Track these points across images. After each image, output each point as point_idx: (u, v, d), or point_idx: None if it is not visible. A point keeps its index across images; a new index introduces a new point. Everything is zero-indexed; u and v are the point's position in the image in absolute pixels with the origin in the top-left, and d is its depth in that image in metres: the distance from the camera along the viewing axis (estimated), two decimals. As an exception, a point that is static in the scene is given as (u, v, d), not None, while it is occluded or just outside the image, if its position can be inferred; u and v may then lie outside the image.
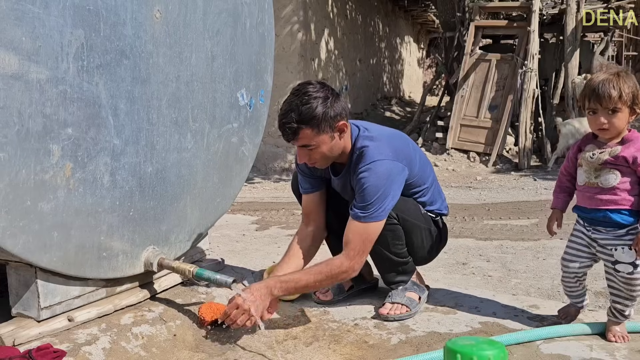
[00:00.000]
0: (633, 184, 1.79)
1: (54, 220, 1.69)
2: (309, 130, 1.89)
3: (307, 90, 1.90)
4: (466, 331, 2.03)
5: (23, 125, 1.55)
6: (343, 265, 1.94)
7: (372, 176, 1.92)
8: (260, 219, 5.19)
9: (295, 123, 1.87)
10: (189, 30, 2.07)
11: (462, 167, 8.41)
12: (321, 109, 1.88)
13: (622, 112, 1.77)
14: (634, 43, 16.33)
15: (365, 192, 1.92)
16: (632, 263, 1.81)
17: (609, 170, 1.81)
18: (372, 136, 2.02)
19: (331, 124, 1.92)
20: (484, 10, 9.37)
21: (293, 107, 1.88)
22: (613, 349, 1.83)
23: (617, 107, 1.76)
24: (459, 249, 3.57)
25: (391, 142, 2.05)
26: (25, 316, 1.80)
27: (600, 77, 1.78)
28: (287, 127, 1.89)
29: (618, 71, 1.80)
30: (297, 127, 1.88)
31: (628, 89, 1.75)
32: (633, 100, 1.76)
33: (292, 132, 1.89)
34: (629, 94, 1.75)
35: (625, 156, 1.78)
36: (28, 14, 1.52)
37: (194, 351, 1.94)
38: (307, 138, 1.90)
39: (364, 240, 1.95)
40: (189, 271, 2.06)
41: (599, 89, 1.76)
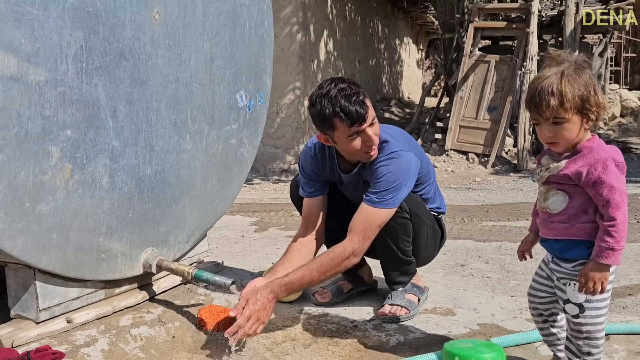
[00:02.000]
0: (585, 208, 1.42)
1: (53, 221, 1.69)
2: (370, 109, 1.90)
3: (349, 83, 1.91)
4: (465, 333, 2.03)
5: (22, 127, 1.55)
6: (346, 251, 1.91)
7: (392, 165, 1.95)
8: (259, 220, 5.19)
9: (367, 103, 1.89)
10: (188, 32, 2.08)
11: (461, 168, 8.42)
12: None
13: (568, 121, 1.39)
14: (633, 44, 16.35)
15: (383, 179, 1.94)
16: (580, 305, 1.46)
17: (556, 192, 1.46)
18: (388, 132, 2.06)
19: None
20: (483, 11, 9.38)
21: (358, 91, 1.88)
22: (611, 350, 1.83)
23: (560, 116, 1.38)
24: (458, 251, 3.57)
25: (404, 136, 2.12)
26: (24, 318, 1.80)
27: (541, 80, 1.40)
28: (361, 108, 1.86)
29: (563, 69, 1.39)
30: (369, 106, 1.89)
31: (572, 93, 1.37)
32: (582, 105, 1.38)
33: (366, 107, 1.87)
34: (573, 99, 1.37)
35: (568, 174, 1.41)
36: (27, 16, 1.52)
37: (193, 353, 1.94)
38: (371, 108, 1.90)
39: (371, 225, 1.94)
40: (187, 273, 2.06)
41: (536, 96, 1.39)
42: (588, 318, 1.46)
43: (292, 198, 2.37)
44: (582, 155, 1.41)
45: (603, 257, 1.39)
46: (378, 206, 1.94)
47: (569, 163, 1.42)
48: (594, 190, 1.39)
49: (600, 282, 1.41)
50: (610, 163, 1.38)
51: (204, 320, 2.06)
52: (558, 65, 1.42)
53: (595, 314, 1.46)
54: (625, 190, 1.39)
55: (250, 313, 1.81)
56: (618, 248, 1.38)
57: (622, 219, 1.38)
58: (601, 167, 1.38)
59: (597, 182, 1.38)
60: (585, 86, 1.38)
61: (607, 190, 1.37)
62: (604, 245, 1.39)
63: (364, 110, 1.87)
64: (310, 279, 1.92)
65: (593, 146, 1.41)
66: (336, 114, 1.87)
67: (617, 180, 1.38)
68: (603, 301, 1.46)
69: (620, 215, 1.37)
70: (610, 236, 1.38)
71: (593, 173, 1.38)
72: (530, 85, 1.45)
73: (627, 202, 1.40)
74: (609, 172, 1.37)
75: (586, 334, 1.47)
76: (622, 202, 1.37)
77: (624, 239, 1.39)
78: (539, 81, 1.41)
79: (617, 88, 13.08)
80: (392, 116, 12.42)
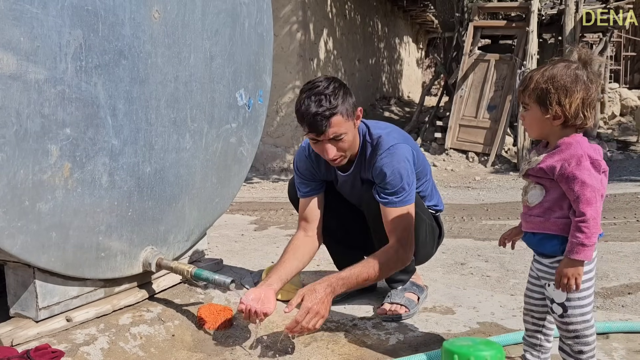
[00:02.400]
0: (560, 203, 1.44)
1: (52, 220, 1.69)
2: (339, 117, 1.89)
3: (321, 82, 1.92)
4: (464, 331, 2.03)
5: (21, 126, 1.55)
6: (400, 255, 1.93)
7: (394, 162, 1.96)
8: (259, 219, 5.19)
9: (327, 111, 1.86)
10: (188, 31, 2.07)
11: (460, 167, 8.42)
12: (342, 96, 1.90)
13: (531, 110, 1.44)
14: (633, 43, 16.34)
15: (392, 179, 1.95)
16: (562, 304, 1.48)
17: (533, 185, 1.49)
18: (381, 127, 2.08)
19: (353, 110, 1.95)
20: (482, 10, 9.38)
21: (319, 99, 1.87)
22: (610, 349, 1.83)
23: (524, 101, 1.45)
24: (458, 249, 3.57)
25: (396, 130, 2.13)
26: (24, 316, 1.80)
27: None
28: (318, 118, 1.86)
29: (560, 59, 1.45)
30: (330, 115, 1.86)
31: (537, 82, 1.40)
32: (541, 97, 1.40)
33: (324, 119, 1.86)
34: (535, 88, 1.40)
35: (544, 167, 1.43)
36: (26, 14, 1.51)
37: (193, 351, 1.94)
38: (338, 125, 1.89)
39: (410, 224, 1.97)
40: (187, 271, 2.05)
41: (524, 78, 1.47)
42: (572, 317, 1.47)
43: (290, 198, 2.37)
44: (560, 151, 1.42)
45: (574, 253, 1.40)
46: (401, 205, 1.96)
47: (546, 157, 1.44)
48: (566, 185, 1.40)
49: (574, 277, 1.41)
50: (585, 160, 1.38)
51: (203, 318, 2.06)
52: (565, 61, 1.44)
53: (579, 312, 1.47)
54: (600, 188, 1.39)
55: (309, 307, 1.77)
56: (589, 244, 1.39)
57: (593, 214, 1.37)
58: (575, 163, 1.38)
59: (569, 178, 1.39)
60: (554, 83, 1.38)
61: (578, 186, 1.37)
62: (574, 241, 1.40)
63: (319, 128, 1.87)
64: (367, 277, 1.90)
65: (572, 142, 1.42)
66: (297, 116, 1.92)
67: (590, 177, 1.38)
68: (585, 299, 1.47)
69: (590, 211, 1.37)
70: (581, 232, 1.38)
71: (567, 168, 1.39)
72: None
73: (600, 199, 1.39)
74: (582, 169, 1.38)
75: (574, 332, 1.48)
76: (593, 199, 1.37)
77: (595, 235, 1.39)
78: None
79: (616, 87, 13.08)
80: (392, 115, 12.42)
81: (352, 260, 2.41)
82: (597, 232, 1.40)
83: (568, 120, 1.41)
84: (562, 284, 1.43)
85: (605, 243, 3.78)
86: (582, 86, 1.39)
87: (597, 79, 1.44)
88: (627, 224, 4.51)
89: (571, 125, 1.43)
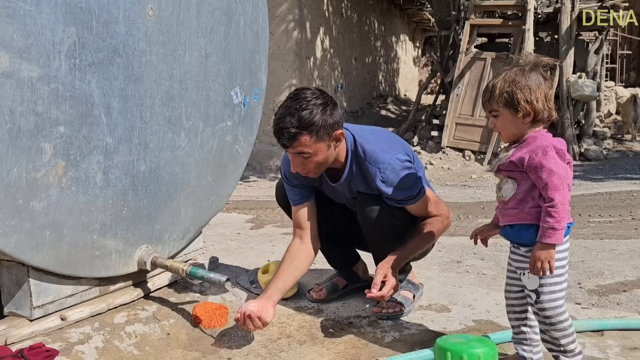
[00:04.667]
0: (532, 193, 1.51)
1: (46, 219, 1.69)
2: (307, 137, 1.84)
3: (305, 96, 1.87)
4: (460, 329, 2.04)
5: (14, 124, 1.54)
6: (444, 219, 2.05)
7: (395, 173, 1.95)
8: (256, 217, 5.19)
9: (294, 128, 1.82)
10: (183, 28, 2.07)
11: (457, 165, 8.43)
12: (321, 115, 1.84)
13: (501, 115, 1.53)
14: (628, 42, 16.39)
15: (401, 183, 1.96)
16: (535, 291, 1.54)
17: (506, 180, 1.57)
18: (368, 138, 2.03)
19: (329, 132, 1.88)
20: (479, 8, 9.39)
21: (292, 112, 1.83)
22: (605, 346, 1.84)
23: (493, 109, 1.55)
24: (454, 247, 3.58)
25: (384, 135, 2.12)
26: (18, 315, 1.79)
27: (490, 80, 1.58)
28: (284, 132, 1.84)
29: (508, 70, 1.55)
30: (296, 133, 1.83)
31: (501, 88, 1.51)
32: (509, 100, 1.50)
33: (289, 137, 1.84)
34: (501, 94, 1.51)
35: (513, 160, 1.52)
36: (19, 12, 1.51)
37: (188, 350, 1.93)
38: (304, 145, 1.85)
39: (435, 202, 2.06)
40: (182, 270, 2.05)
41: (485, 89, 1.58)
42: (545, 302, 1.54)
43: (278, 201, 2.35)
44: (527, 144, 1.52)
45: (546, 237, 1.47)
46: (419, 198, 2.00)
47: (515, 151, 1.54)
48: (535, 175, 1.48)
49: (547, 261, 1.48)
50: (551, 150, 1.47)
51: (199, 317, 2.06)
52: (517, 66, 1.55)
53: (550, 297, 1.54)
54: (566, 175, 1.47)
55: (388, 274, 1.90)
56: (559, 227, 1.46)
57: (561, 200, 1.45)
58: (541, 153, 1.47)
59: (537, 167, 1.47)
60: (517, 85, 1.50)
61: (546, 173, 1.46)
62: (545, 225, 1.47)
63: (281, 141, 1.86)
64: (423, 247, 2.04)
65: (537, 136, 1.52)
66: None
67: (557, 165, 1.46)
68: (556, 285, 1.54)
69: (558, 196, 1.45)
70: (550, 216, 1.46)
71: (534, 158, 1.48)
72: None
73: (568, 186, 1.48)
74: (548, 158, 1.46)
75: (549, 319, 1.55)
76: (560, 185, 1.45)
77: (564, 219, 1.47)
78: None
79: (612, 85, 13.11)
80: (389, 114, 12.43)
81: (345, 258, 2.42)
82: (566, 217, 1.47)
83: (537, 114, 1.51)
84: (537, 267, 1.50)
85: (600, 241, 3.79)
86: (540, 82, 1.51)
87: (549, 76, 1.57)
88: (623, 221, 4.52)
89: (540, 119, 1.52)
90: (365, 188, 2.03)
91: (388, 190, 1.97)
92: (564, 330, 1.55)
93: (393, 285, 1.89)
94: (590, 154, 8.93)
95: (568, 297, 2.67)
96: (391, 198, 1.98)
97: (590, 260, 3.24)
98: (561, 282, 1.55)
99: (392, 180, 1.95)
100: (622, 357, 1.76)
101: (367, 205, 2.04)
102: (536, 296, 1.55)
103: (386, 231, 2.04)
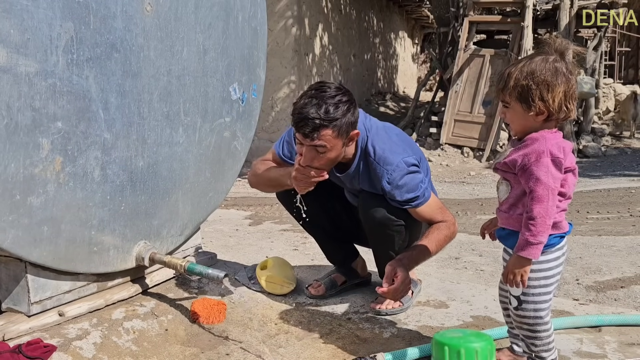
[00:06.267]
0: (523, 199, 1.43)
1: (44, 214, 1.68)
2: (329, 131, 1.82)
3: (331, 90, 1.85)
4: (458, 325, 2.04)
5: (12, 119, 1.53)
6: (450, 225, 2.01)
7: (402, 175, 1.95)
8: (254, 214, 5.19)
9: (320, 120, 1.80)
10: (181, 24, 2.06)
11: (455, 162, 8.43)
12: (345, 112, 1.83)
13: (511, 107, 1.41)
14: (627, 39, 16.39)
15: (405, 187, 1.95)
16: (517, 297, 1.49)
17: (502, 181, 1.49)
18: (380, 137, 2.02)
19: (348, 131, 1.88)
20: (477, 5, 9.38)
21: (319, 103, 1.80)
22: (603, 342, 1.84)
23: (505, 100, 1.42)
24: (452, 244, 3.57)
25: (399, 135, 2.10)
26: (15, 311, 1.79)
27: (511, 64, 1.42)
28: (309, 122, 1.80)
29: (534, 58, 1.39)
30: (320, 124, 1.80)
31: (516, 79, 1.36)
32: (522, 95, 1.36)
33: (313, 127, 1.80)
34: (515, 86, 1.36)
35: (507, 161, 1.42)
36: (16, 6, 1.50)
37: (186, 346, 1.93)
38: (324, 139, 1.83)
39: (439, 209, 2.03)
40: (180, 266, 2.05)
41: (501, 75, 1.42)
42: (526, 311, 1.48)
43: (277, 195, 2.35)
44: (525, 145, 1.40)
45: (520, 249, 1.40)
46: (422, 202, 1.99)
47: (512, 152, 1.43)
48: (524, 180, 1.39)
49: (520, 274, 1.41)
50: (545, 157, 1.35)
51: (197, 313, 2.06)
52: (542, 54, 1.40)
53: (532, 307, 1.47)
54: (554, 186, 1.35)
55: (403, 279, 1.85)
56: (534, 242, 1.37)
57: (541, 213, 1.35)
58: (534, 159, 1.36)
59: (527, 172, 1.37)
60: (535, 79, 1.34)
61: (533, 182, 1.36)
62: (522, 237, 1.40)
63: (305, 132, 1.81)
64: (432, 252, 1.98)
65: (538, 138, 1.39)
66: (293, 109, 1.88)
67: (546, 174, 1.35)
68: (540, 295, 1.46)
69: (539, 209, 1.35)
70: (527, 229, 1.37)
71: (526, 163, 1.37)
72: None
73: (553, 197, 1.36)
74: (540, 165, 1.35)
75: (527, 326, 1.50)
76: (545, 197, 1.34)
77: (541, 233, 1.37)
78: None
79: (611, 82, 13.11)
80: (388, 110, 12.42)
81: (344, 254, 2.42)
82: (544, 231, 1.37)
83: (551, 114, 1.38)
84: (509, 279, 1.43)
85: (598, 237, 3.80)
86: (563, 79, 1.36)
87: (575, 69, 1.40)
88: (621, 218, 4.53)
89: (554, 119, 1.40)
90: (369, 187, 2.03)
91: (392, 192, 1.96)
92: (540, 340, 1.50)
93: (404, 280, 1.82)
94: (588, 151, 8.94)
95: (566, 293, 2.68)
96: (394, 200, 1.98)
97: (588, 257, 3.25)
98: (545, 293, 1.47)
99: (397, 182, 1.95)
100: (619, 353, 1.76)
101: (370, 206, 2.03)
102: (517, 303, 1.48)
103: (388, 232, 2.04)
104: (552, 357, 1.54)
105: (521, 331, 1.54)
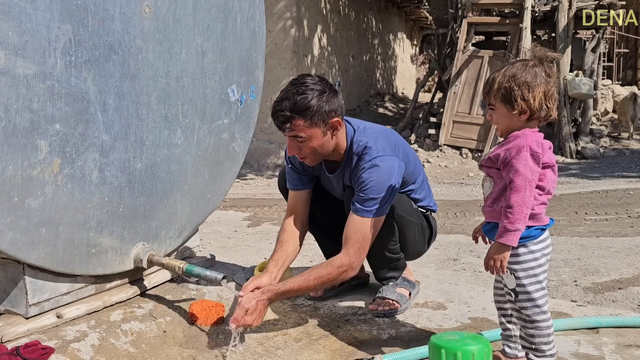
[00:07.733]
0: (505, 193, 1.50)
1: (42, 216, 1.68)
2: (301, 121, 1.87)
3: (304, 81, 1.90)
4: (456, 326, 2.04)
5: (10, 121, 1.53)
6: (343, 265, 1.92)
7: (375, 173, 1.92)
8: (253, 215, 5.19)
9: (288, 111, 1.86)
10: (179, 26, 2.06)
11: (454, 163, 8.44)
12: (316, 101, 1.87)
13: (497, 109, 1.52)
14: (626, 40, 16.41)
15: (368, 188, 1.91)
16: (513, 290, 1.55)
17: (486, 177, 1.58)
18: (369, 134, 2.02)
19: (324, 119, 1.90)
20: (476, 6, 9.40)
21: (288, 96, 1.88)
22: (600, 343, 1.84)
23: (490, 102, 1.53)
24: (450, 245, 3.58)
25: (388, 138, 2.06)
26: (13, 313, 1.79)
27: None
28: (279, 115, 1.88)
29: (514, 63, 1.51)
30: (290, 116, 1.87)
31: (500, 83, 1.48)
32: (506, 96, 1.48)
33: (284, 119, 1.88)
34: (499, 88, 1.48)
35: (491, 157, 1.52)
36: (14, 9, 1.50)
37: (184, 347, 1.93)
38: (298, 129, 1.89)
39: (364, 237, 1.93)
40: (178, 267, 2.05)
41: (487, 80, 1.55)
42: (523, 302, 1.54)
43: (280, 188, 2.36)
44: (508, 142, 1.51)
45: (500, 237, 1.49)
46: (367, 215, 1.92)
47: (496, 148, 1.53)
48: (505, 173, 1.48)
49: (499, 260, 1.49)
50: (525, 151, 1.45)
51: (195, 315, 2.06)
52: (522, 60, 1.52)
53: (526, 297, 1.54)
54: (532, 178, 1.45)
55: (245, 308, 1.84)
56: (512, 229, 1.46)
57: (519, 202, 1.45)
58: (515, 152, 1.46)
59: (507, 165, 1.47)
60: (516, 81, 1.46)
61: (512, 173, 1.46)
62: (501, 225, 1.49)
63: (276, 120, 1.89)
64: (307, 288, 1.95)
65: (519, 135, 1.49)
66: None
67: (525, 166, 1.45)
68: (532, 285, 1.53)
69: (516, 198, 1.45)
70: (506, 217, 1.47)
71: (507, 157, 1.47)
72: None
73: (531, 189, 1.45)
74: (519, 158, 1.45)
75: (527, 317, 1.55)
76: (522, 187, 1.44)
77: (519, 221, 1.46)
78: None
79: (609, 83, 13.14)
80: (386, 111, 12.43)
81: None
82: (522, 219, 1.46)
83: (533, 113, 1.48)
84: (489, 266, 1.52)
85: (596, 238, 3.80)
86: (542, 80, 1.48)
87: (554, 73, 1.52)
88: (619, 219, 4.53)
89: (536, 118, 1.50)
90: (351, 182, 2.03)
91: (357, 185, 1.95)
92: (540, 330, 1.55)
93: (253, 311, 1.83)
94: (587, 152, 8.95)
95: (564, 294, 2.68)
96: (359, 181, 1.94)
97: (586, 258, 3.25)
98: (537, 282, 1.53)
99: (365, 177, 1.93)
100: (617, 355, 1.76)
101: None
102: (514, 295, 1.55)
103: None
104: (552, 352, 1.57)
105: (521, 322, 1.58)
